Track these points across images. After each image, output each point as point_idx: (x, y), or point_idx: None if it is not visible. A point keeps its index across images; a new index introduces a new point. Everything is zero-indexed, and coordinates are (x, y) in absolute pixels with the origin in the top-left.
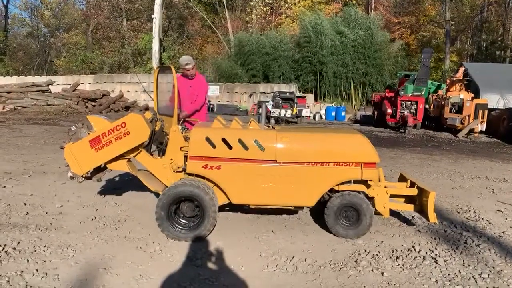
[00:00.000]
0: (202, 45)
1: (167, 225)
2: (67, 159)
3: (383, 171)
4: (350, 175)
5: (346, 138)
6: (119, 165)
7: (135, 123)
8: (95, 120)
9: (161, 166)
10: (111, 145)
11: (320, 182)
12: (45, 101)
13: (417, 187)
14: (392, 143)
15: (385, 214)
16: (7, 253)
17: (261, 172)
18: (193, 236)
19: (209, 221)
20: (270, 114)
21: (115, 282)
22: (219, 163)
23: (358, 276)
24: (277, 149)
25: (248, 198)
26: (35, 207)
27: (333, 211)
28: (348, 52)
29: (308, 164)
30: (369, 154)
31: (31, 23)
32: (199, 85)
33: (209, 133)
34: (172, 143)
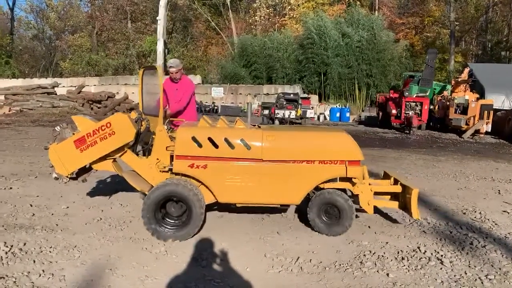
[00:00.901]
0: (206, 47)
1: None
2: (52, 160)
3: (367, 169)
4: (335, 173)
5: (330, 136)
6: (104, 165)
7: (120, 123)
8: (79, 120)
9: (147, 166)
10: (96, 145)
11: (306, 180)
12: (51, 103)
13: (400, 184)
14: (396, 144)
15: (370, 211)
16: (13, 254)
17: (247, 171)
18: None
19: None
20: (274, 115)
21: (121, 283)
22: (205, 162)
23: (364, 277)
24: (263, 148)
25: (235, 196)
26: (41, 208)
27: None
28: (352, 53)
29: (293, 162)
30: (354, 152)
31: (36, 25)
32: (184, 87)
33: (195, 132)
34: (158, 143)
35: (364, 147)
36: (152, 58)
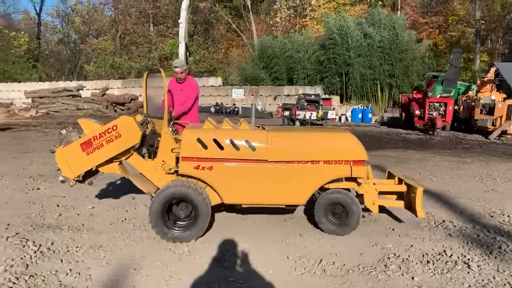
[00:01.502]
0: (227, 49)
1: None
2: (58, 163)
3: (371, 168)
4: (340, 173)
5: (335, 136)
6: (111, 168)
7: (126, 126)
8: (85, 124)
9: (152, 168)
10: (102, 148)
11: (311, 181)
12: (76, 105)
13: (405, 184)
14: (420, 146)
15: (375, 210)
16: (42, 253)
17: (253, 172)
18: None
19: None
20: (295, 116)
21: (145, 283)
22: (211, 163)
23: (388, 280)
24: (267, 149)
25: (240, 197)
26: (67, 209)
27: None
28: (374, 53)
29: (298, 163)
30: (358, 152)
31: (62, 30)
32: (189, 89)
33: (200, 134)
34: (163, 145)
35: (387, 149)
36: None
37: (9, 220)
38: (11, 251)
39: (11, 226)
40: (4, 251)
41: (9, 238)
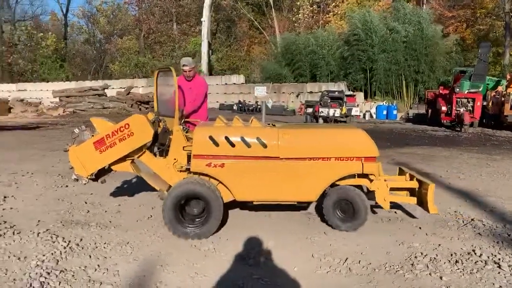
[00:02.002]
0: (249, 46)
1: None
2: (72, 162)
3: (381, 165)
4: (351, 169)
5: (346, 133)
6: (123, 166)
7: (139, 124)
8: (98, 122)
9: (164, 166)
10: (115, 146)
11: (323, 177)
12: (101, 104)
13: (416, 180)
14: (447, 142)
15: (386, 206)
16: (71, 249)
17: (264, 169)
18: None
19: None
20: (318, 113)
21: (172, 279)
22: (222, 161)
23: (415, 279)
24: (279, 146)
25: (252, 194)
26: (95, 206)
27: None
28: (399, 48)
29: (310, 159)
30: (369, 149)
31: (87, 30)
32: (198, 86)
33: (212, 131)
34: (175, 143)
35: (413, 146)
36: (197, 59)
37: (40, 216)
38: (42, 247)
39: (42, 222)
40: (36, 246)
41: (40, 234)
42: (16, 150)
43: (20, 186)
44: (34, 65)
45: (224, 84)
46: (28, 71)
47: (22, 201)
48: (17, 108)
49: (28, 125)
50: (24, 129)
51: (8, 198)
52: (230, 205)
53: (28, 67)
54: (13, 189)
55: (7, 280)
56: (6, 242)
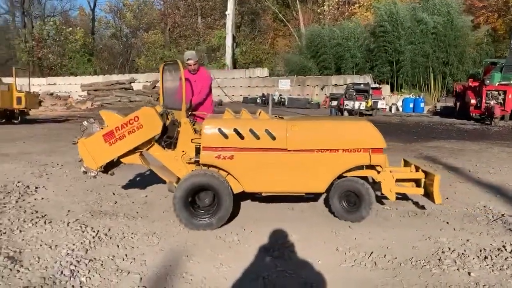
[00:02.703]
0: (273, 39)
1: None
2: (81, 154)
3: (387, 157)
4: (359, 161)
5: (354, 125)
6: (132, 158)
7: (148, 117)
8: (107, 115)
9: (173, 158)
10: (124, 139)
11: (330, 169)
12: (128, 97)
13: (422, 171)
14: (476, 136)
15: (392, 197)
16: (100, 238)
17: (273, 161)
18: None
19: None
20: (343, 106)
21: (197, 269)
22: (231, 153)
23: (442, 275)
24: (287, 138)
25: (261, 186)
26: (122, 197)
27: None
28: (427, 40)
29: (318, 151)
30: (377, 140)
31: (114, 25)
32: (202, 79)
33: (221, 124)
34: (183, 136)
35: (440, 139)
36: (221, 52)
37: (70, 207)
38: (72, 236)
39: (71, 212)
40: (66, 236)
41: (70, 224)
42: (46, 142)
43: (51, 177)
44: (63, 59)
45: (248, 77)
46: (57, 65)
47: (52, 192)
48: (47, 101)
49: (58, 118)
50: (54, 122)
51: (40, 189)
52: (253, 198)
53: (57, 61)
54: (44, 179)
55: (40, 268)
56: (38, 231)
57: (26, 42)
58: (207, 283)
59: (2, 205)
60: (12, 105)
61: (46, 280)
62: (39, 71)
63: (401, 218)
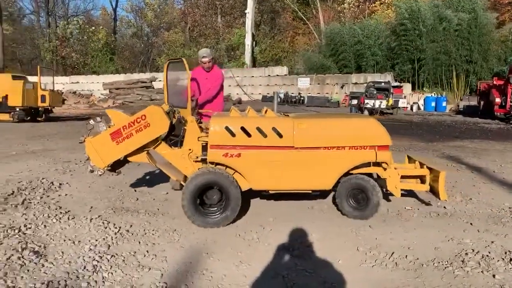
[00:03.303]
0: (293, 37)
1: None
2: (89, 153)
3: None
4: (365, 158)
5: (360, 122)
6: (139, 157)
7: (155, 115)
8: (113, 114)
9: (180, 156)
10: (132, 138)
11: (337, 166)
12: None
13: (426, 167)
14: (501, 136)
15: (397, 194)
16: (121, 234)
17: (280, 158)
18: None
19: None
20: (363, 105)
21: (217, 266)
22: (239, 151)
23: (466, 277)
24: (294, 136)
25: (268, 183)
26: (143, 194)
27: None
28: (450, 37)
29: (324, 148)
30: (382, 137)
31: (135, 24)
32: (214, 77)
33: (228, 122)
34: (189, 134)
35: (463, 139)
36: (241, 51)
37: (92, 203)
38: (95, 232)
39: (94, 208)
40: (89, 231)
41: (93, 220)
42: (69, 139)
43: (74, 173)
44: (85, 58)
45: (267, 76)
46: (80, 64)
47: (76, 188)
48: (70, 99)
49: (80, 116)
50: (77, 120)
51: (63, 185)
52: (272, 196)
53: (80, 60)
54: (68, 176)
55: (63, 262)
56: (62, 226)
57: (50, 42)
58: (227, 280)
59: (28, 200)
60: (36, 103)
61: (70, 275)
62: (62, 69)
63: (423, 218)
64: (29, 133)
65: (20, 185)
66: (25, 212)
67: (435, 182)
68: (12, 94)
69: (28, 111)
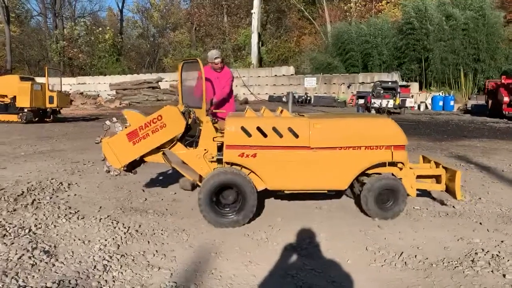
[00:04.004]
0: (299, 37)
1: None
2: (105, 154)
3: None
4: (381, 157)
5: (375, 122)
6: (155, 157)
7: (171, 116)
8: (130, 115)
9: (195, 157)
10: (148, 138)
11: (353, 166)
12: (155, 96)
13: (442, 167)
14: (510, 135)
15: (413, 194)
16: (131, 234)
17: (296, 158)
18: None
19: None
20: (370, 104)
21: (226, 266)
22: (255, 151)
23: (476, 276)
24: (310, 136)
25: (284, 183)
26: (152, 194)
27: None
28: (457, 36)
29: (340, 149)
30: (398, 137)
31: (142, 24)
32: (225, 76)
33: (244, 122)
34: (205, 134)
35: (471, 138)
36: (247, 51)
37: (101, 203)
38: (104, 232)
39: (103, 208)
40: (98, 231)
41: (102, 220)
42: (78, 140)
43: (83, 174)
44: (92, 59)
45: (274, 75)
46: (87, 65)
47: (84, 188)
48: (78, 100)
49: (88, 116)
50: (85, 120)
51: (72, 185)
52: (280, 197)
53: (87, 61)
54: (77, 176)
55: (74, 262)
56: (72, 226)
57: (57, 43)
58: (236, 279)
59: (37, 201)
60: (44, 104)
61: (80, 274)
62: (69, 71)
63: (432, 218)
64: (37, 134)
65: (30, 185)
66: (35, 212)
67: (451, 182)
68: (20, 96)
69: (36, 112)
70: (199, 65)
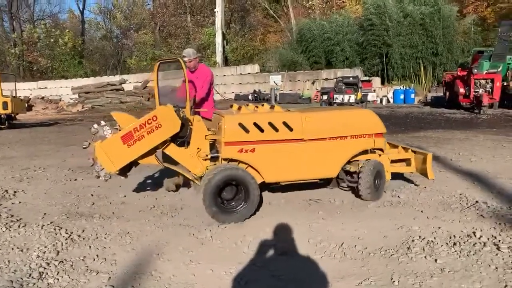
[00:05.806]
0: (264, 35)
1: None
2: (99, 158)
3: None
4: (365, 145)
5: (358, 113)
6: (149, 159)
7: (166, 116)
8: (118, 116)
9: (188, 155)
10: (143, 139)
11: (342, 154)
12: (119, 99)
13: (411, 151)
14: (464, 125)
15: (388, 177)
16: (72, 240)
17: (291, 151)
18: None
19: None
20: (333, 100)
21: (166, 267)
22: (253, 146)
23: (409, 262)
24: (303, 129)
25: (280, 175)
26: (100, 198)
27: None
28: (415, 31)
29: (330, 139)
30: (378, 126)
31: (105, 26)
32: (203, 75)
33: (241, 119)
34: (196, 133)
35: (428, 129)
36: (211, 50)
37: (46, 209)
38: (45, 239)
39: (47, 215)
40: (39, 239)
41: (44, 226)
42: (32, 146)
43: (31, 180)
44: (53, 62)
45: (239, 74)
46: (48, 69)
47: (31, 195)
48: (38, 105)
49: (47, 121)
50: (43, 126)
51: (18, 193)
52: None
53: (48, 65)
54: (24, 184)
55: (8, 271)
56: (12, 235)
57: (15, 47)
58: (175, 279)
59: None
60: None
61: (14, 283)
62: (30, 75)
63: (377, 208)
64: None
65: None
66: None
67: (423, 164)
68: None
69: None
70: (181, 64)
